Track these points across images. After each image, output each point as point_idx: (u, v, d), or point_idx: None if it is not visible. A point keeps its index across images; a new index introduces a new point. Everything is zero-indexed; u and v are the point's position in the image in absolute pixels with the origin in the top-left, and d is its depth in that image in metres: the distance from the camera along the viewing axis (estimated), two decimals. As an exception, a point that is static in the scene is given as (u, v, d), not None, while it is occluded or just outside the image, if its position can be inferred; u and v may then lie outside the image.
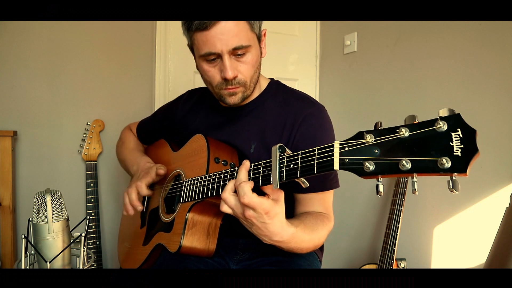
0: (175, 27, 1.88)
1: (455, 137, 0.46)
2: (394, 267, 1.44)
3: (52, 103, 1.68)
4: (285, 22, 2.04)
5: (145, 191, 1.00)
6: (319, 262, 1.06)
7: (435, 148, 0.47)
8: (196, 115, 1.12)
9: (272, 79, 1.09)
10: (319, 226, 0.86)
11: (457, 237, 1.43)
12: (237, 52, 0.88)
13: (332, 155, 0.58)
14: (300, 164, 0.63)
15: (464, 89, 1.41)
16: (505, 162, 1.25)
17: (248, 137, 1.00)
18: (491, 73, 1.33)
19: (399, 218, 1.45)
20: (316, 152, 0.61)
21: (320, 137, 0.96)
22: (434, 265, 1.51)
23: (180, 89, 1.89)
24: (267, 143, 0.97)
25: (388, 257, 1.45)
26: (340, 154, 0.57)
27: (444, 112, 0.47)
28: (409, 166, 0.48)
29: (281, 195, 0.72)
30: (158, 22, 1.83)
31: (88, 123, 1.71)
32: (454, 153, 0.45)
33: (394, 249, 1.44)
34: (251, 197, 0.67)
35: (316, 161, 0.61)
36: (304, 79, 2.10)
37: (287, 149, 0.68)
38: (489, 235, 1.29)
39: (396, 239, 1.44)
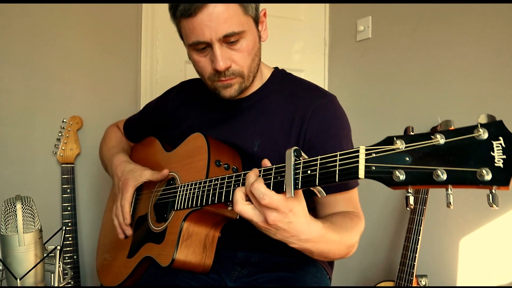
0: (164, 10, 1.86)
1: (497, 147, 0.46)
2: (414, 285, 1.44)
3: (24, 96, 1.68)
4: (288, 5, 2.04)
5: (127, 213, 1.04)
6: (329, 279, 1.05)
7: (473, 158, 0.47)
8: (191, 110, 1.12)
9: (276, 68, 1.10)
10: (348, 225, 0.84)
11: (486, 250, 1.43)
12: (229, 40, 0.87)
13: (357, 161, 0.57)
14: (319, 170, 0.63)
15: (492, 82, 1.41)
16: (540, 165, 1.25)
17: (251, 134, 1.00)
18: (524, 63, 1.33)
19: (420, 229, 1.45)
20: (338, 157, 0.61)
21: (334, 131, 0.96)
22: (460, 283, 1.51)
23: (170, 81, 1.88)
24: (274, 140, 0.97)
25: (407, 273, 1.45)
26: (366, 160, 0.56)
27: (483, 119, 0.48)
28: (444, 176, 0.49)
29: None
30: (144, 5, 1.82)
31: (64, 120, 1.70)
32: (496, 164, 0.46)
33: (414, 264, 1.44)
34: (271, 196, 0.66)
35: (338, 167, 0.60)
36: (311, 70, 2.10)
37: (303, 153, 0.68)
38: (522, 248, 1.29)
39: (416, 253, 1.44)
